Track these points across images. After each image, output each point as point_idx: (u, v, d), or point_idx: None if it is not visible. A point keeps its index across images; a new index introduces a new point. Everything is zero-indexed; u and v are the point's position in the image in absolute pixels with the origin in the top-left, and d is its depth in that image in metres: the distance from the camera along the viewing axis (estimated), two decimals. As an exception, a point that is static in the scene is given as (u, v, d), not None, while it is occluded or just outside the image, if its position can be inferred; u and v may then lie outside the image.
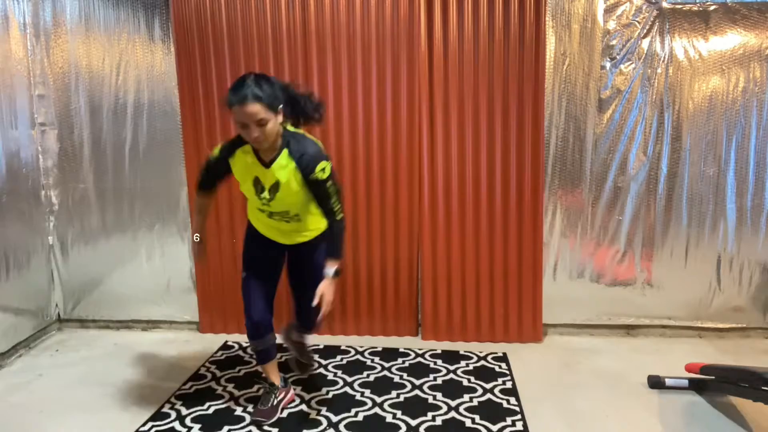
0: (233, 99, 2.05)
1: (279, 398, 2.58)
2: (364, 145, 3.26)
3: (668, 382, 2.75)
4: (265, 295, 2.47)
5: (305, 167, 2.18)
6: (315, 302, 2.23)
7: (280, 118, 2.14)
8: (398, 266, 3.37)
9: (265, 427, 2.46)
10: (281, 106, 2.13)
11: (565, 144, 3.26)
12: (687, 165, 3.23)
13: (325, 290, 2.24)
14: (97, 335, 3.59)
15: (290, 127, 2.25)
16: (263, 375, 2.62)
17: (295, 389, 2.77)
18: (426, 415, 2.54)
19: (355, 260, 3.37)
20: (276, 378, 2.61)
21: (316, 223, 2.41)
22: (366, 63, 3.18)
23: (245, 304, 2.47)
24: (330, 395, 2.74)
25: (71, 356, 3.28)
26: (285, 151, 2.20)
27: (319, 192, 2.23)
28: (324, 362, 3.09)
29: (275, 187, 2.23)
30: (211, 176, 2.43)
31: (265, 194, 2.26)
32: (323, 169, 2.18)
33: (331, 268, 2.26)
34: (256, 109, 2.04)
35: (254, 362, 3.08)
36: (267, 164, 2.22)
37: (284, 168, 2.20)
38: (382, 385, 2.83)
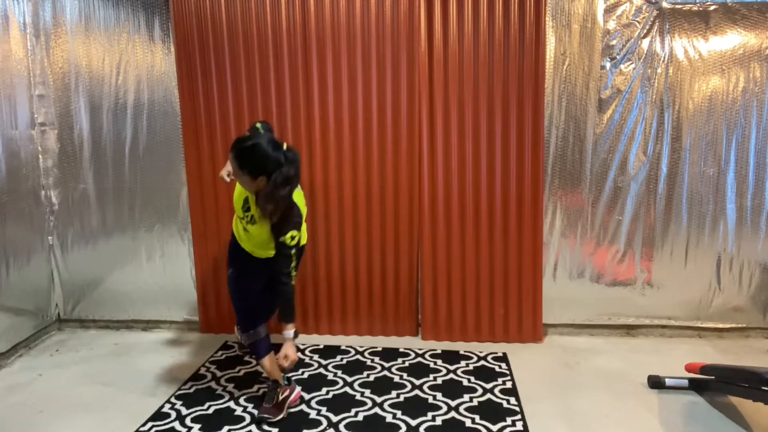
0: (233, 146, 2.29)
1: (284, 395, 2.59)
2: (364, 144, 3.26)
3: (668, 382, 2.75)
4: (253, 287, 2.56)
5: (277, 231, 2.34)
6: (284, 365, 2.41)
7: (259, 183, 2.28)
8: (398, 266, 3.37)
9: (265, 427, 2.46)
10: (262, 176, 2.26)
11: (565, 144, 3.26)
12: (687, 165, 3.23)
13: (288, 351, 2.40)
14: (97, 335, 3.59)
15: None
16: (264, 375, 2.62)
17: (299, 390, 2.76)
18: (426, 415, 2.54)
19: (356, 260, 3.37)
20: (277, 375, 2.62)
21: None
22: (366, 63, 3.18)
23: (233, 297, 2.58)
24: (330, 395, 2.74)
25: (71, 356, 3.28)
26: None
27: (280, 252, 2.38)
28: (324, 362, 3.10)
29: (254, 218, 2.42)
30: None
31: (249, 214, 2.43)
32: (292, 237, 2.34)
33: (289, 331, 2.41)
34: (234, 165, 2.28)
35: (254, 362, 3.09)
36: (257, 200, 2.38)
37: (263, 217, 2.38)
38: (382, 385, 2.83)
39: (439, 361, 3.09)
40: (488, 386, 2.81)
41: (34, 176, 3.46)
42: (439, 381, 2.87)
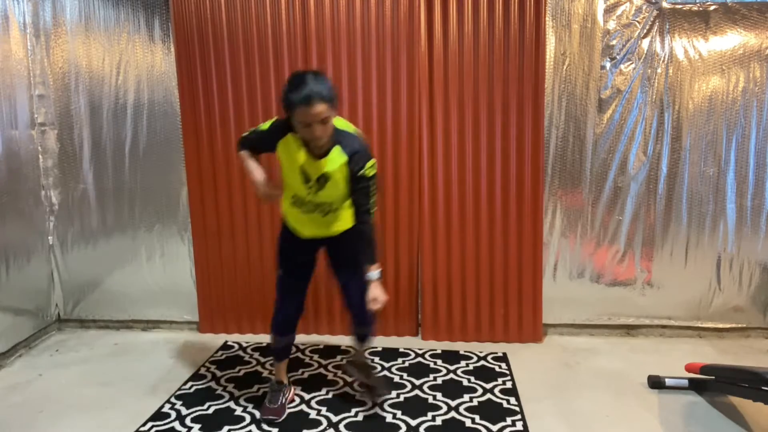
0: (297, 99, 2.01)
1: (286, 396, 2.60)
2: (364, 145, 3.25)
3: (668, 382, 2.75)
4: (298, 294, 2.53)
5: (356, 164, 2.19)
6: (374, 307, 2.28)
7: (335, 113, 2.15)
8: (398, 266, 3.37)
9: (265, 427, 2.46)
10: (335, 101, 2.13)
11: (565, 144, 3.26)
12: (687, 165, 3.23)
13: (376, 294, 2.28)
14: (97, 335, 3.59)
15: (337, 122, 2.22)
16: (272, 373, 2.65)
17: (295, 389, 2.77)
18: (426, 415, 2.54)
19: (355, 260, 3.37)
20: (285, 377, 2.64)
21: (351, 216, 2.40)
22: (366, 63, 3.18)
23: (278, 299, 2.54)
24: (330, 395, 2.74)
25: (71, 356, 3.28)
26: (337, 147, 2.20)
27: (360, 188, 2.24)
28: (324, 362, 3.10)
29: (323, 178, 2.24)
30: (256, 145, 2.38)
31: (312, 183, 2.26)
32: (371, 166, 2.22)
33: (374, 272, 2.29)
34: (322, 108, 2.04)
35: (254, 362, 3.09)
36: (316, 156, 2.21)
37: (335, 162, 2.20)
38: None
39: (439, 361, 3.09)
40: (488, 386, 2.81)
41: (34, 176, 3.46)
42: (439, 381, 2.87)
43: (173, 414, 2.59)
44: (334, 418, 2.52)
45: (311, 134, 2.09)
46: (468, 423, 2.48)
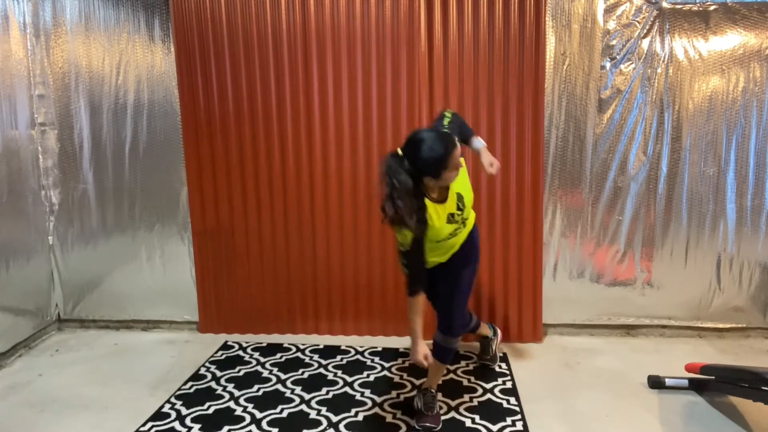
0: (446, 151, 2.05)
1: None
2: (364, 145, 3.25)
3: (668, 382, 2.75)
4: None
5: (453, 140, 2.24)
6: (492, 171, 2.36)
7: None
8: (399, 266, 3.36)
9: (265, 427, 2.46)
10: None
11: (565, 144, 3.26)
12: (687, 165, 3.23)
13: (490, 157, 2.40)
14: (97, 335, 3.59)
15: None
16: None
17: (293, 389, 2.77)
18: (426, 415, 2.54)
19: (356, 260, 3.37)
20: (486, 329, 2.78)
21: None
22: (366, 63, 3.18)
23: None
24: (330, 395, 2.74)
25: (71, 356, 3.28)
26: None
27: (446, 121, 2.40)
28: (324, 362, 3.10)
29: (460, 200, 2.28)
30: (421, 266, 2.31)
31: (457, 216, 2.28)
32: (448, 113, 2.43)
33: (479, 140, 2.46)
34: (458, 156, 2.12)
35: (254, 362, 3.09)
36: (442, 199, 2.23)
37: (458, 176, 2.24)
38: (382, 385, 2.83)
39: (439, 361, 3.09)
40: (488, 386, 2.81)
41: (34, 176, 3.46)
42: (439, 381, 2.86)
43: (173, 414, 2.59)
44: (334, 418, 2.52)
45: (456, 175, 2.17)
46: (468, 423, 2.48)
